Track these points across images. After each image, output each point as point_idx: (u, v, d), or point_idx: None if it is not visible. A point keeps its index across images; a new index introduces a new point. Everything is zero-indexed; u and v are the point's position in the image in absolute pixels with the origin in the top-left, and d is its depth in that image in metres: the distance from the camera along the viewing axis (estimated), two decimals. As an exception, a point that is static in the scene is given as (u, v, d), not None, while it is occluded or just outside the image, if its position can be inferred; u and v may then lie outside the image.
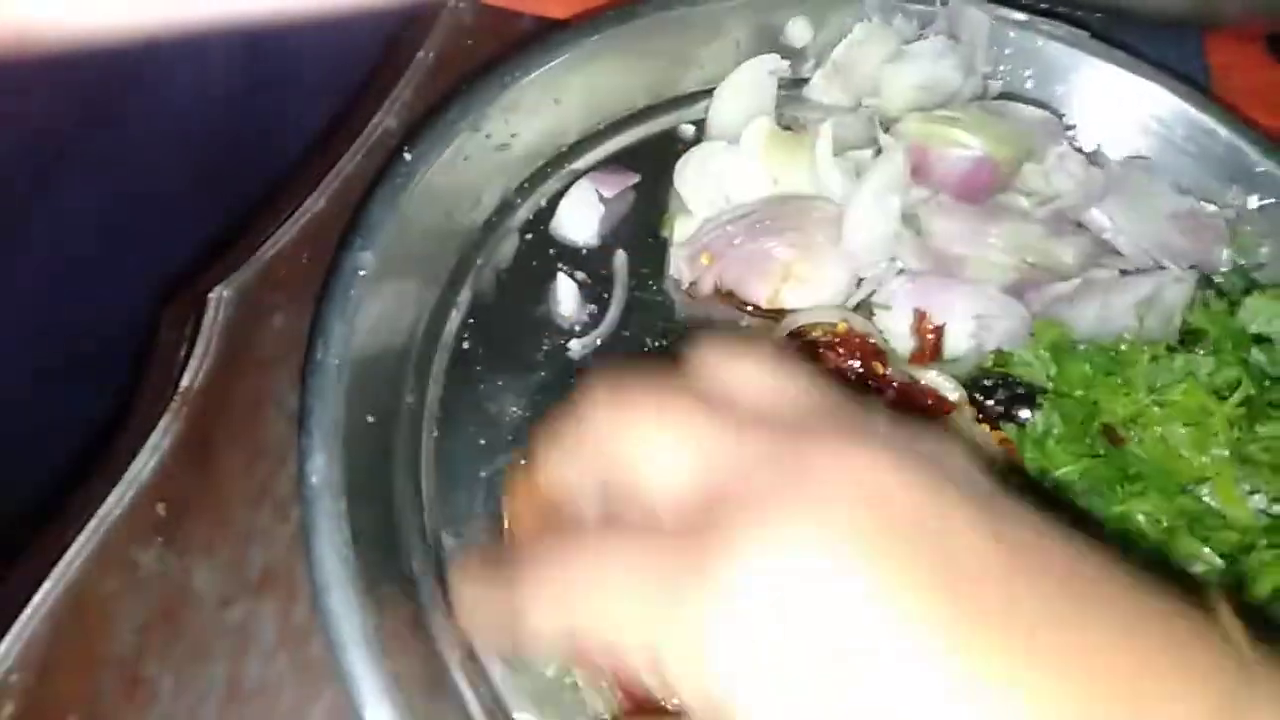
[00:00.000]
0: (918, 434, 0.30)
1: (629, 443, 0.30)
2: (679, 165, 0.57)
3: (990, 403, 0.49)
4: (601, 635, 0.28)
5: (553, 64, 0.56)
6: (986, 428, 0.49)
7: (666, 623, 0.26)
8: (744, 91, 0.60)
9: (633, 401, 0.30)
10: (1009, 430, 0.49)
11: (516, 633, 0.30)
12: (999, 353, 0.51)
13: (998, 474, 0.29)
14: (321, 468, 0.41)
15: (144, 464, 0.46)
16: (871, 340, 0.51)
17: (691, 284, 0.54)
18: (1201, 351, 0.48)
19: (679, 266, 0.55)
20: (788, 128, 0.59)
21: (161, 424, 0.47)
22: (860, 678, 0.24)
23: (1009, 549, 0.26)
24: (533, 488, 0.34)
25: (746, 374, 0.31)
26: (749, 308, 0.54)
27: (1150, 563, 0.37)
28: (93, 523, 0.44)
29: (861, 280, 0.54)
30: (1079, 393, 0.48)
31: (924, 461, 0.27)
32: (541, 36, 0.57)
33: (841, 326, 0.52)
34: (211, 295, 0.51)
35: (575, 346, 0.52)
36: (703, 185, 0.57)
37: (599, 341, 0.52)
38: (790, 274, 0.53)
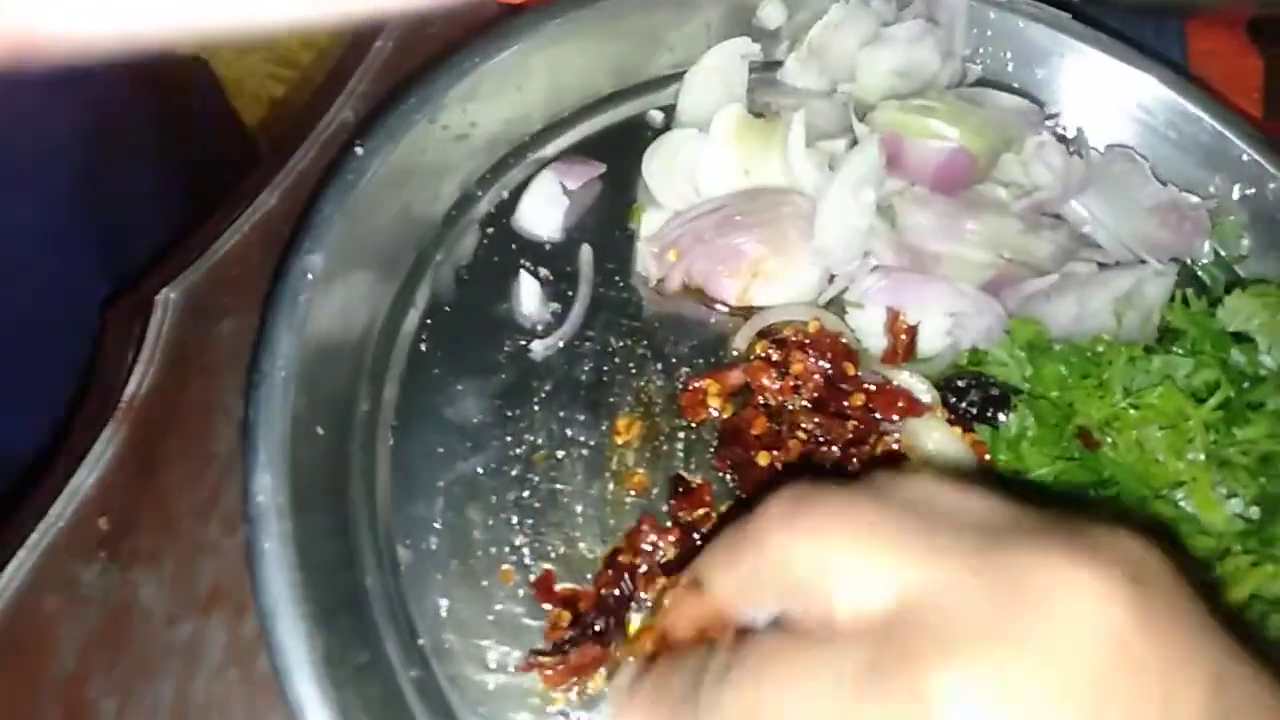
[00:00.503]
0: (1114, 535, 0.28)
1: (811, 557, 0.29)
2: (647, 155, 0.55)
3: (963, 405, 0.48)
4: None
5: (513, 49, 0.54)
6: (959, 430, 0.47)
7: None
8: (715, 77, 0.58)
9: (815, 513, 0.30)
10: (981, 431, 0.47)
11: None
12: (974, 351, 0.50)
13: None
14: (267, 486, 0.39)
15: (86, 476, 0.44)
16: (843, 340, 0.50)
17: (659, 280, 0.53)
18: (1179, 350, 0.47)
19: (646, 262, 0.53)
20: (760, 114, 0.56)
21: (105, 433, 0.45)
22: None
23: (1227, 694, 0.25)
24: (695, 601, 0.34)
25: (924, 485, 0.30)
26: (718, 304, 0.52)
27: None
28: (32, 538, 0.43)
29: (834, 277, 0.52)
30: (1054, 394, 0.47)
31: (1144, 584, 0.26)
32: (501, 20, 0.55)
33: (813, 326, 0.50)
34: (158, 298, 0.49)
35: (537, 347, 0.50)
36: (671, 176, 0.55)
37: (562, 343, 0.50)
38: (760, 270, 0.51)
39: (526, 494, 0.46)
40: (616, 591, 0.43)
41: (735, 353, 0.51)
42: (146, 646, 0.42)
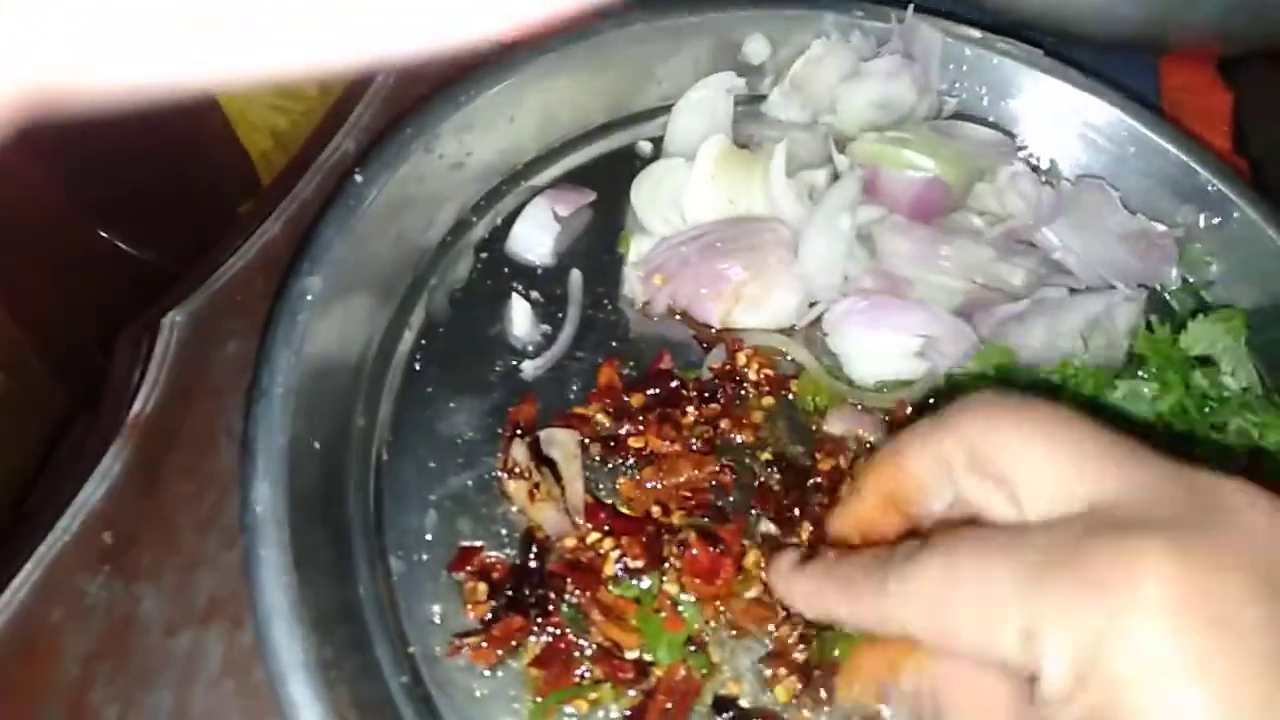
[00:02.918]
0: None
1: (1007, 448, 0.32)
2: (635, 184, 0.58)
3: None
4: (977, 620, 0.30)
5: (507, 82, 0.56)
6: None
7: (1054, 615, 0.28)
8: (701, 108, 0.60)
9: (1016, 408, 0.33)
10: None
11: (877, 624, 0.33)
12: (949, 375, 0.52)
13: None
14: (265, 497, 0.41)
15: (92, 491, 0.46)
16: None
17: (646, 303, 0.55)
18: (1145, 375, 0.49)
19: (633, 286, 0.55)
20: (744, 145, 0.59)
21: (111, 450, 0.47)
22: None
23: None
24: (889, 486, 0.37)
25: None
26: (702, 327, 0.54)
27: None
28: (39, 550, 0.44)
29: (813, 302, 0.54)
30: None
31: None
32: (496, 54, 0.57)
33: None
34: (164, 320, 0.50)
35: (528, 367, 0.52)
36: (658, 204, 0.57)
37: (552, 363, 0.52)
38: (743, 294, 0.53)
39: (515, 508, 0.47)
40: (532, 562, 0.45)
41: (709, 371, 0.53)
42: (147, 656, 0.43)
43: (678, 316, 0.55)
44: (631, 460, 0.49)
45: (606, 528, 0.46)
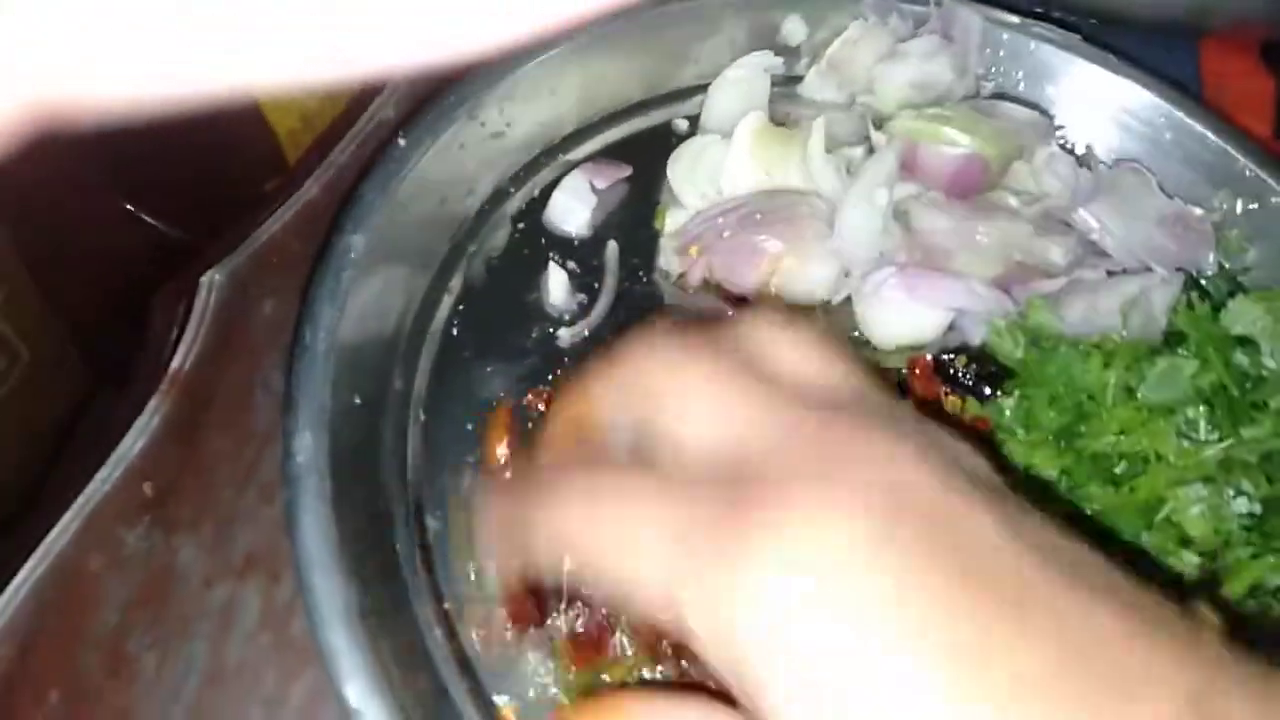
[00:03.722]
0: (940, 432, 0.30)
1: (674, 394, 0.31)
2: (672, 158, 0.58)
3: (957, 372, 0.52)
4: (620, 570, 0.29)
5: (550, 55, 0.56)
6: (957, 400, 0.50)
7: (691, 577, 0.27)
8: (738, 87, 0.60)
9: (686, 357, 0.32)
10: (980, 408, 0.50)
11: (535, 555, 0.32)
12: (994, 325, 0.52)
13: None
14: (307, 446, 0.41)
15: (132, 444, 0.46)
16: None
17: (681, 275, 0.55)
18: (1184, 353, 0.49)
19: (669, 258, 0.55)
20: (781, 123, 0.59)
21: (151, 405, 0.47)
22: (867, 680, 0.25)
23: (1024, 546, 0.26)
24: (575, 413, 0.36)
25: (792, 351, 0.32)
26: (738, 300, 0.54)
27: (1130, 557, 0.38)
28: (80, 500, 0.44)
29: (849, 274, 0.54)
30: (1061, 388, 0.49)
31: (945, 456, 0.28)
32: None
33: None
34: (203, 279, 0.51)
35: (564, 335, 0.52)
36: (695, 178, 0.57)
37: (588, 331, 0.52)
38: (778, 267, 0.53)
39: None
40: None
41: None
42: (185, 607, 0.43)
43: (712, 288, 0.55)
44: None
45: None
